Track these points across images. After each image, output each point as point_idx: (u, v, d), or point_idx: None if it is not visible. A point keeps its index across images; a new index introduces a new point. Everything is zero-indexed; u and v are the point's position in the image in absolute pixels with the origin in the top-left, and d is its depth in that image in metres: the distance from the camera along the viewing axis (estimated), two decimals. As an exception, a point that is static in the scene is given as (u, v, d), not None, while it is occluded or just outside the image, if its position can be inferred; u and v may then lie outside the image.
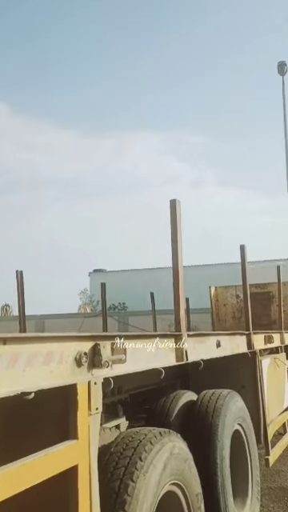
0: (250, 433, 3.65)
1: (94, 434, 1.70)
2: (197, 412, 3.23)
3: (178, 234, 2.76)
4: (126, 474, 1.97)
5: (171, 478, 2.22)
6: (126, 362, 2.01)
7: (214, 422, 3.10)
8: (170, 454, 2.22)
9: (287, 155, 21.22)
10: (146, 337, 2.32)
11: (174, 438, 2.34)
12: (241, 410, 3.54)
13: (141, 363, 2.20)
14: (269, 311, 9.88)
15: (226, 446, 3.08)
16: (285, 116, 21.73)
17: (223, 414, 3.16)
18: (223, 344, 3.37)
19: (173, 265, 2.78)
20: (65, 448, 1.56)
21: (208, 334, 3.24)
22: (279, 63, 22.23)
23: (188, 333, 2.75)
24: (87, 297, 28.72)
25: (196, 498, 2.44)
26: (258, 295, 10.05)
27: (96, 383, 1.75)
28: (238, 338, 3.94)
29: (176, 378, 3.97)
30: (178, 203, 2.75)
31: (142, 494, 1.93)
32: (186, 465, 2.37)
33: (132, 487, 1.92)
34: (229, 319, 10.69)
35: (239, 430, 3.48)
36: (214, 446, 2.99)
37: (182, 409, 3.36)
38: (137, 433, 2.25)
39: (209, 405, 3.23)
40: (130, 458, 2.05)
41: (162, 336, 2.53)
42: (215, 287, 10.91)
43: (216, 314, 10.82)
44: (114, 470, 2.00)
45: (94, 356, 1.80)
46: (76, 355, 1.69)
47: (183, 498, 2.35)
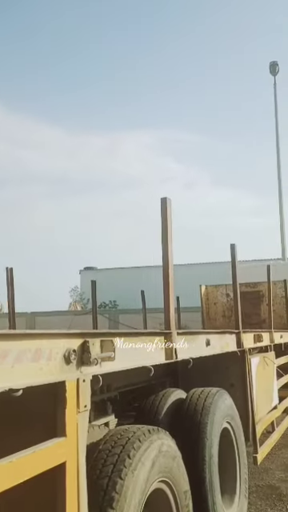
0: (238, 431, 3.67)
1: (82, 431, 1.70)
2: (186, 410, 3.24)
3: (168, 232, 2.76)
4: (114, 471, 1.97)
5: (159, 475, 2.23)
6: (115, 359, 2.01)
7: (202, 420, 3.11)
8: (158, 452, 2.23)
9: (278, 155, 21.34)
10: (135, 334, 2.32)
11: (162, 436, 2.35)
12: (229, 408, 3.56)
13: (130, 361, 2.20)
14: (258, 310, 9.93)
15: (214, 444, 3.09)
16: (276, 116, 21.85)
17: (212, 412, 3.17)
18: (213, 342, 3.38)
19: (163, 263, 2.78)
20: (53, 445, 1.55)
21: (197, 332, 3.25)
22: (271, 63, 22.35)
23: (177, 331, 2.75)
24: (78, 294, 28.66)
25: (184, 495, 2.45)
26: (248, 294, 10.10)
27: (85, 380, 1.75)
28: (228, 336, 3.95)
29: (165, 376, 3.98)
30: (168, 201, 2.75)
31: (130, 491, 1.94)
32: (174, 462, 2.38)
33: (120, 484, 1.92)
34: (219, 318, 10.73)
35: (228, 428, 3.50)
36: (203, 444, 3.00)
37: (171, 407, 3.37)
38: (125, 430, 2.25)
39: (198, 403, 3.24)
40: (119, 455, 2.05)
41: (151, 334, 2.53)
42: (206, 286, 10.94)
43: (206, 313, 10.85)
44: (103, 467, 2.01)
45: (82, 353, 1.79)
46: (65, 352, 1.68)
47: (171, 496, 2.36)
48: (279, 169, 21.28)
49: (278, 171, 21.29)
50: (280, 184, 21.12)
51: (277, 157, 21.44)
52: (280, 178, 21.18)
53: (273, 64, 22.30)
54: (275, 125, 21.79)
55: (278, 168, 21.32)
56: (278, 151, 21.45)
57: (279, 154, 21.41)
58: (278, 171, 21.29)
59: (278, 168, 21.32)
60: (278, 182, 21.23)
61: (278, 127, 21.72)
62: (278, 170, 21.35)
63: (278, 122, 21.82)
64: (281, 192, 21.07)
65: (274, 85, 22.31)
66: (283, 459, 5.55)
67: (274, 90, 22.27)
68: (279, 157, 21.38)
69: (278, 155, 21.41)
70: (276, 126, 21.76)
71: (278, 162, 21.36)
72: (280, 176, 21.20)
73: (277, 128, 21.72)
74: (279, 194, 21.10)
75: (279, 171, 21.25)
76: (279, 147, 21.49)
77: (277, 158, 21.43)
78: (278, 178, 21.25)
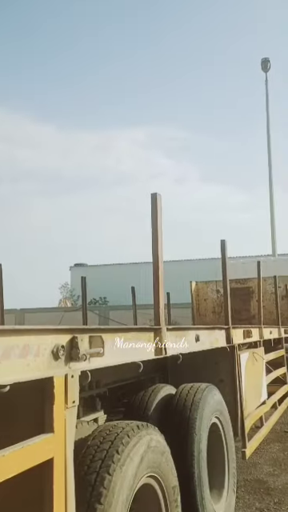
0: (227, 426, 3.69)
1: (70, 427, 1.69)
2: (175, 405, 3.25)
3: (158, 228, 2.75)
4: (102, 466, 1.97)
5: (148, 470, 2.23)
6: (104, 355, 2.00)
7: (191, 416, 3.12)
8: (147, 447, 2.23)
9: (269, 152, 21.41)
10: (124, 330, 2.31)
11: (151, 431, 2.35)
12: (218, 403, 3.57)
13: (119, 357, 2.20)
14: (248, 306, 10.00)
15: (203, 439, 3.11)
16: (267, 112, 21.90)
17: (201, 408, 3.19)
18: (202, 338, 3.39)
19: (153, 259, 2.77)
20: (41, 441, 1.55)
21: (187, 328, 3.25)
22: (262, 60, 22.39)
23: (167, 327, 2.75)
24: (68, 291, 28.59)
25: (172, 490, 2.46)
26: (238, 290, 10.17)
27: (73, 376, 1.74)
28: (217, 332, 3.97)
29: (155, 371, 3.98)
30: (159, 197, 2.74)
31: (118, 486, 1.94)
32: (163, 458, 2.38)
33: (108, 480, 1.92)
34: (209, 314, 10.78)
35: (217, 423, 3.52)
36: (192, 439, 3.01)
37: (161, 402, 3.37)
38: (114, 426, 2.25)
39: (187, 398, 3.25)
40: (107, 451, 2.05)
41: (140, 330, 2.53)
42: (196, 282, 10.99)
43: (196, 309, 10.90)
44: (91, 463, 2.00)
45: (71, 349, 1.78)
46: (53, 348, 1.67)
47: (160, 491, 2.37)
48: (270, 165, 21.37)
49: (269, 168, 21.39)
50: (271, 181, 21.23)
51: (268, 153, 21.52)
52: (271, 175, 21.29)
53: (264, 61, 22.34)
54: (266, 121, 21.87)
55: (269, 165, 21.41)
56: (268, 148, 21.52)
57: (270, 150, 21.49)
58: (269, 168, 21.39)
59: (269, 165, 21.41)
60: (269, 178, 21.33)
61: (269, 124, 21.80)
62: (268, 166, 21.44)
63: (270, 119, 21.89)
64: (271, 189, 21.19)
65: (266, 81, 22.39)
66: (271, 454, 5.60)
67: (266, 87, 22.35)
68: (270, 153, 21.46)
69: (269, 152, 21.49)
70: (267, 122, 21.84)
71: (269, 158, 21.44)
72: (271, 173, 21.30)
73: (268, 124, 21.80)
74: (270, 191, 21.21)
75: (270, 168, 21.35)
76: (270, 144, 21.57)
77: (268, 154, 21.51)
78: (269, 174, 21.35)
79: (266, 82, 22.30)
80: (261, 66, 22.30)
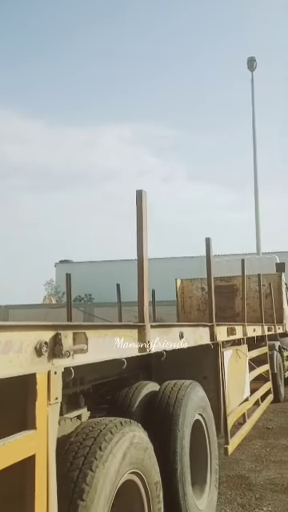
0: (210, 422, 3.72)
1: (52, 423, 1.69)
2: (158, 402, 3.26)
3: (143, 225, 2.75)
4: (85, 463, 1.97)
5: (131, 467, 2.24)
6: (87, 351, 2.00)
7: (175, 412, 3.14)
8: (129, 444, 2.24)
9: (255, 151, 21.55)
10: (108, 327, 2.31)
11: (134, 428, 2.36)
12: (202, 400, 3.60)
13: (103, 353, 2.20)
14: (233, 304, 10.06)
15: (186, 436, 3.13)
16: (253, 111, 22.04)
17: (184, 404, 3.21)
18: (186, 335, 3.41)
19: (138, 256, 2.77)
20: (22, 438, 1.54)
21: (171, 325, 3.26)
22: (249, 59, 22.50)
23: (151, 324, 2.76)
24: (53, 288, 28.43)
25: (155, 486, 2.47)
26: (222, 288, 10.23)
27: (56, 373, 1.74)
28: (201, 329, 3.99)
29: (139, 368, 3.99)
30: (144, 194, 2.74)
31: (101, 483, 1.94)
32: (145, 454, 2.39)
33: (91, 476, 1.92)
34: (194, 311, 10.83)
35: (200, 419, 3.54)
36: (175, 436, 3.03)
37: (144, 399, 3.39)
38: (97, 423, 2.25)
39: (170, 395, 3.27)
40: (90, 447, 2.05)
41: (124, 327, 2.53)
42: (181, 280, 11.01)
43: (181, 306, 10.93)
44: (74, 459, 2.00)
45: (54, 345, 1.78)
46: (36, 344, 1.67)
47: (142, 487, 2.38)
48: (255, 165, 21.50)
49: (254, 167, 21.51)
50: (256, 180, 21.36)
51: (253, 152, 21.65)
52: (256, 174, 21.42)
53: (250, 60, 22.44)
54: (252, 120, 21.99)
55: (255, 164, 21.54)
56: (254, 147, 21.66)
57: (256, 149, 21.63)
58: (254, 167, 21.51)
59: (255, 164, 21.54)
60: (254, 178, 21.46)
61: (254, 122, 21.93)
62: (254, 165, 21.56)
63: (255, 118, 22.03)
64: (256, 188, 21.32)
65: (252, 80, 22.49)
66: (253, 450, 5.66)
67: (252, 86, 22.47)
68: (255, 152, 21.59)
69: (255, 151, 21.62)
70: (253, 121, 21.97)
71: (255, 157, 21.57)
72: (256, 172, 21.43)
73: (254, 123, 21.92)
74: (255, 190, 21.34)
75: (255, 167, 21.48)
76: (256, 143, 21.71)
77: (253, 153, 21.64)
78: (254, 174, 21.47)
79: (251, 81, 22.44)
80: (247, 65, 22.42)
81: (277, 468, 4.98)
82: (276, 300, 9.81)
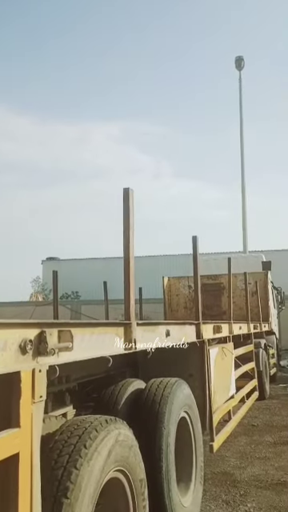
0: (195, 420, 3.74)
1: (37, 421, 1.68)
2: (144, 400, 3.27)
3: (130, 222, 2.75)
4: (69, 461, 1.97)
5: (116, 464, 2.24)
6: (73, 349, 1.99)
7: (160, 410, 3.15)
8: (115, 441, 2.24)
9: (242, 150, 21.65)
10: (94, 325, 2.31)
11: (119, 426, 2.36)
12: (187, 397, 3.61)
13: (88, 351, 2.19)
14: (219, 302, 10.12)
15: (171, 433, 3.14)
16: (241, 110, 22.13)
17: (170, 402, 3.21)
18: (172, 333, 3.42)
19: (124, 253, 2.77)
20: (6, 436, 1.53)
21: (157, 323, 3.27)
22: (237, 58, 22.56)
23: (137, 322, 2.76)
24: (39, 285, 28.28)
25: (140, 483, 2.48)
26: (209, 286, 10.28)
27: (41, 371, 1.73)
28: (188, 327, 4.00)
29: (125, 366, 3.99)
30: (131, 192, 2.74)
31: (86, 480, 1.94)
32: (130, 452, 2.40)
33: (75, 474, 1.92)
34: (181, 309, 10.86)
35: (185, 417, 3.56)
36: (160, 433, 3.04)
37: (130, 397, 3.39)
38: (82, 421, 2.25)
39: (156, 393, 3.27)
40: (75, 445, 2.04)
41: (110, 324, 2.53)
42: (168, 278, 11.04)
43: (168, 304, 10.96)
44: (58, 457, 2.00)
45: (39, 343, 1.77)
46: (21, 342, 1.65)
47: (127, 484, 2.38)
48: (242, 163, 21.61)
49: (242, 165, 21.61)
50: (243, 178, 21.47)
51: (240, 151, 21.75)
52: (243, 173, 21.53)
53: (238, 59, 22.51)
54: (239, 119, 22.08)
55: (242, 162, 21.64)
56: (241, 145, 21.75)
57: (243, 148, 21.72)
58: (242, 165, 21.61)
59: (242, 162, 21.64)
60: (241, 176, 21.57)
61: (242, 121, 22.02)
62: (241, 164, 21.67)
63: (243, 116, 22.12)
64: (244, 186, 21.43)
65: (239, 79, 22.56)
66: (239, 447, 5.71)
67: (239, 85, 22.54)
68: (243, 151, 21.69)
69: (242, 149, 21.72)
70: (240, 119, 22.05)
71: (242, 156, 21.67)
72: (243, 170, 21.54)
73: (241, 122, 22.01)
74: (242, 188, 21.45)
75: (242, 165, 21.58)
76: (243, 141, 21.80)
77: (240, 152, 21.74)
78: (242, 172, 21.58)
79: (239, 79, 22.51)
80: (235, 64, 22.48)
81: (261, 464, 5.03)
82: (262, 298, 9.88)
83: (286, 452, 5.47)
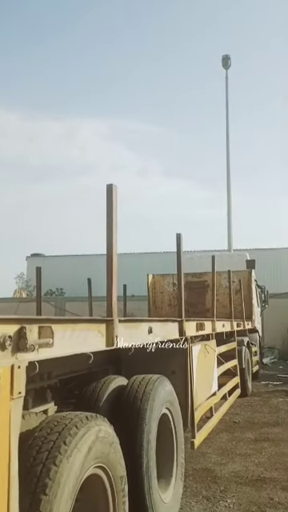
0: (177, 416, 3.76)
1: (15, 418, 1.66)
2: (126, 397, 3.27)
3: (113, 218, 2.74)
4: (48, 458, 1.96)
5: (96, 461, 2.24)
6: (53, 346, 1.98)
7: (142, 407, 3.15)
8: (95, 438, 2.23)
9: (228, 149, 21.74)
10: (75, 321, 2.30)
11: (100, 422, 2.35)
12: (169, 394, 3.63)
13: (69, 348, 2.18)
14: (204, 300, 10.16)
15: (152, 430, 3.14)
16: (227, 109, 22.20)
17: (152, 399, 3.22)
18: (155, 330, 3.42)
19: (107, 250, 2.76)
20: (-16, 433, 1.52)
21: (140, 320, 3.27)
22: (223, 57, 22.56)
23: (119, 318, 2.76)
24: (24, 281, 28.06)
25: (120, 480, 2.48)
26: (193, 284, 10.32)
27: (20, 367, 1.71)
28: (171, 324, 4.02)
29: (108, 363, 3.99)
30: (114, 188, 2.73)
31: (65, 477, 1.93)
32: (111, 448, 2.39)
33: (54, 471, 1.91)
34: (165, 307, 10.88)
35: (167, 413, 3.57)
36: (141, 430, 3.04)
37: (112, 394, 3.38)
38: (63, 417, 2.23)
39: (138, 390, 3.28)
40: (54, 442, 2.03)
41: (92, 321, 2.52)
42: (153, 275, 11.04)
43: (153, 302, 10.97)
44: (37, 454, 1.98)
45: (19, 339, 1.75)
46: (0, 338, 1.64)
47: (107, 481, 2.38)
48: (228, 162, 21.68)
49: (227, 164, 21.68)
50: (228, 177, 21.54)
51: (226, 150, 21.82)
52: (229, 172, 21.60)
53: (225, 58, 22.52)
54: (226, 118, 22.15)
55: (227, 161, 21.71)
56: (227, 144, 21.82)
57: (229, 146, 21.80)
58: (227, 164, 21.68)
59: (227, 161, 21.71)
60: (227, 175, 21.64)
61: (228, 120, 22.08)
62: (227, 163, 21.73)
63: (229, 115, 22.19)
64: (229, 185, 21.51)
65: (226, 78, 22.58)
66: (220, 443, 5.75)
67: (226, 84, 22.56)
68: (229, 150, 21.76)
69: (228, 148, 21.79)
70: (226, 119, 22.11)
71: (228, 155, 21.74)
72: (229, 169, 21.61)
73: (227, 121, 22.07)
74: (227, 187, 21.54)
75: (228, 164, 21.66)
76: (229, 140, 21.88)
77: (226, 151, 21.81)
78: (227, 171, 21.65)
79: (226, 78, 22.54)
80: (221, 62, 22.49)
81: (242, 461, 5.08)
82: (246, 296, 9.96)
83: (267, 448, 5.53)
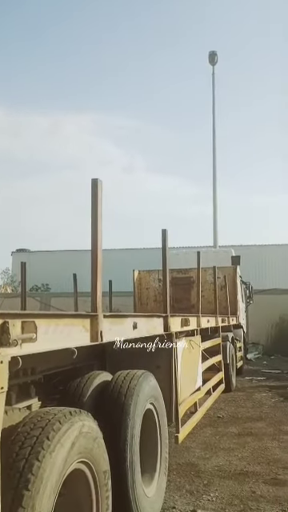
0: (161, 412, 3.77)
1: (-3, 413, 1.65)
2: (110, 392, 3.27)
3: (98, 213, 2.73)
4: (31, 453, 1.95)
5: (79, 456, 2.24)
6: (36, 340, 1.97)
7: (126, 402, 3.15)
8: (78, 433, 2.23)
9: (214, 145, 21.81)
10: (59, 316, 2.29)
11: (84, 417, 2.35)
12: (154, 389, 3.64)
13: (53, 343, 2.17)
14: (189, 295, 10.21)
15: (137, 425, 3.15)
16: (213, 105, 22.24)
17: (136, 394, 3.23)
18: (140, 326, 3.43)
19: (92, 245, 2.75)
20: None
21: (124, 315, 3.27)
22: (210, 53, 22.56)
23: (104, 313, 2.75)
24: (9, 277, 27.82)
25: (103, 474, 2.48)
26: (179, 280, 10.36)
27: (2, 362, 1.70)
28: (155, 320, 4.02)
29: (93, 358, 3.98)
30: (99, 183, 2.72)
31: (47, 472, 1.92)
32: (95, 443, 2.40)
33: (37, 466, 1.90)
34: (151, 302, 10.90)
35: (151, 409, 3.58)
36: (126, 425, 3.05)
37: (96, 389, 3.38)
38: (46, 413, 2.23)
39: (123, 385, 3.28)
40: (37, 437, 2.03)
41: (76, 316, 2.52)
42: (139, 271, 11.05)
43: (138, 297, 10.98)
44: (20, 449, 1.97)
45: (1, 334, 1.74)
46: (-18, 333, 1.62)
47: (90, 476, 2.38)
48: (214, 159, 21.75)
49: (213, 161, 21.75)
50: (214, 174, 21.62)
51: (212, 146, 21.87)
52: (215, 168, 21.67)
53: (212, 54, 22.53)
54: (212, 114, 22.18)
55: (213, 158, 21.78)
56: (213, 141, 21.87)
57: (215, 143, 21.86)
58: (213, 161, 21.75)
59: (213, 158, 21.78)
60: (213, 171, 21.71)
61: (214, 117, 22.12)
62: (213, 159, 21.80)
63: (216, 112, 22.23)
64: (215, 182, 21.59)
65: (213, 74, 22.59)
66: (204, 438, 5.80)
67: (212, 80, 22.58)
68: (215, 146, 21.82)
69: (214, 145, 21.85)
70: (213, 115, 22.14)
71: (214, 151, 21.80)
72: (215, 166, 21.68)
73: (213, 117, 22.11)
74: (213, 184, 21.61)
75: (214, 161, 21.72)
76: (215, 136, 21.93)
77: (212, 147, 21.87)
78: (213, 167, 21.71)
79: (212, 75, 22.55)
80: (208, 58, 22.50)
81: (225, 455, 5.13)
82: (230, 292, 10.03)
83: (250, 443, 5.59)
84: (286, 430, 6.21)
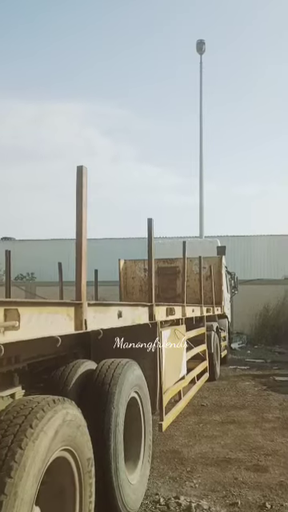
0: (145, 400, 3.79)
1: (-21, 401, 1.64)
2: (95, 381, 3.27)
3: (83, 201, 2.70)
4: (14, 441, 1.94)
5: (62, 444, 2.24)
6: (19, 328, 1.95)
7: (110, 390, 3.16)
8: (62, 421, 2.23)
9: (201, 135, 21.76)
10: (43, 304, 2.27)
11: (67, 406, 2.35)
12: (138, 378, 3.65)
13: (36, 331, 2.16)
14: (174, 285, 10.24)
15: (121, 413, 3.17)
16: (201, 95, 22.14)
17: (120, 383, 3.24)
18: (125, 314, 3.42)
19: (76, 233, 2.73)
20: None
21: (109, 304, 3.26)
22: (198, 41, 22.36)
23: (89, 302, 2.74)
24: (-7, 265, 27.57)
25: (87, 462, 2.49)
26: (165, 270, 10.38)
27: (-16, 350, 1.68)
28: (140, 309, 4.02)
29: (78, 347, 3.98)
30: (84, 170, 2.69)
31: (30, 460, 1.92)
32: (78, 431, 2.40)
33: (20, 454, 1.90)
34: (136, 292, 10.91)
35: (135, 397, 3.60)
36: (110, 413, 3.06)
37: (80, 378, 3.38)
38: (29, 401, 2.22)
39: (107, 374, 3.28)
40: (20, 425, 2.02)
41: (60, 304, 2.50)
42: (124, 260, 11.03)
43: (124, 287, 10.98)
44: (3, 437, 1.97)
45: (-17, 322, 1.72)
46: None
47: (74, 463, 2.39)
48: (201, 149, 21.70)
49: (200, 151, 21.71)
50: (201, 164, 21.58)
51: (199, 136, 21.81)
52: (201, 159, 21.63)
53: (199, 42, 22.33)
54: (199, 104, 22.08)
55: (200, 148, 21.73)
56: (200, 131, 21.81)
57: (202, 133, 21.79)
58: (200, 151, 21.71)
59: (200, 148, 21.73)
60: (200, 162, 21.67)
61: (201, 106, 22.00)
62: (200, 150, 21.75)
63: (203, 102, 22.12)
64: (201, 172, 21.56)
65: (200, 64, 22.41)
66: (187, 426, 5.86)
67: (200, 69, 22.39)
68: (202, 136, 21.76)
69: (201, 135, 21.79)
70: (200, 105, 22.01)
71: (201, 141, 21.75)
72: (201, 156, 21.64)
73: (201, 107, 21.99)
74: (200, 174, 21.59)
75: (201, 151, 21.68)
76: (202, 127, 21.88)
77: (199, 137, 21.81)
78: (200, 158, 21.67)
79: (200, 64, 22.38)
80: (196, 47, 22.31)
81: (208, 443, 5.19)
82: (216, 282, 10.09)
83: (233, 430, 5.67)
84: (268, 417, 6.31)
